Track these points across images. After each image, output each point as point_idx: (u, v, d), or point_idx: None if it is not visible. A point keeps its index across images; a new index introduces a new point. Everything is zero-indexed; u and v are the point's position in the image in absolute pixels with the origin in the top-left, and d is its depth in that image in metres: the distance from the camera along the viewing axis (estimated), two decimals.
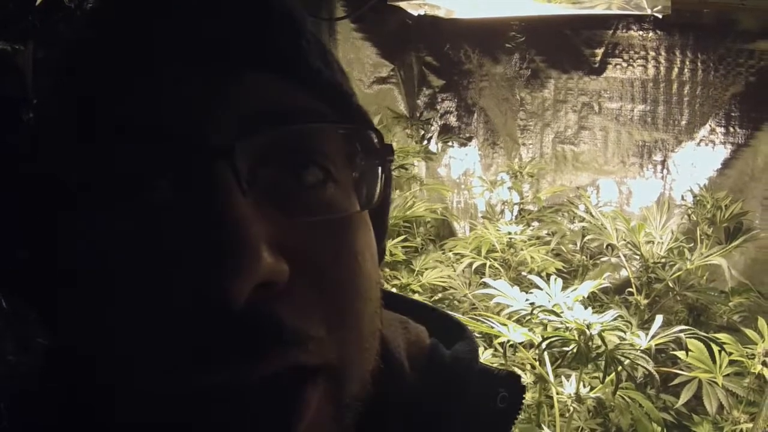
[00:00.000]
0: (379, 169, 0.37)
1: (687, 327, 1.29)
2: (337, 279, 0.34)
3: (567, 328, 1.32)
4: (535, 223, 2.25)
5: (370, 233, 0.39)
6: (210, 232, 0.29)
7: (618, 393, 1.38)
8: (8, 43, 1.03)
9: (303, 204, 0.34)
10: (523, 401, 0.46)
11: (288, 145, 0.34)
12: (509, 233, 1.95)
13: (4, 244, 0.36)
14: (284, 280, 0.31)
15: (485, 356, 1.48)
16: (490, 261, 1.95)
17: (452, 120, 2.65)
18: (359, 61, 2.64)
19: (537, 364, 1.36)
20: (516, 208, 2.38)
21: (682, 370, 1.39)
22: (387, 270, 1.81)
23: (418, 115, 2.67)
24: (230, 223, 0.29)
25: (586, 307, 1.41)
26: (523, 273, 1.94)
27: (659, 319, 1.34)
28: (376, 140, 0.37)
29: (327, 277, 0.34)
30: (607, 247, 1.88)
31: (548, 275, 1.95)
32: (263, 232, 0.30)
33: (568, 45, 2.27)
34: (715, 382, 1.29)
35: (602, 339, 1.28)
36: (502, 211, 2.42)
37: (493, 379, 0.45)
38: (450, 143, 2.66)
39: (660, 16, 1.58)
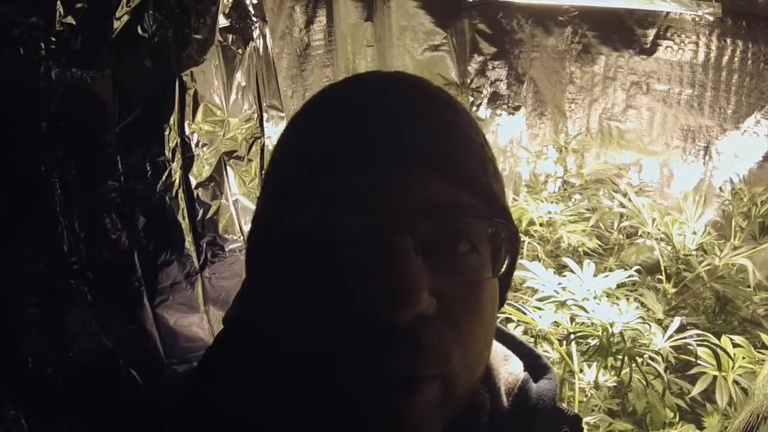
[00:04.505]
0: (509, 249, 0.54)
1: (701, 332, 1.39)
2: (466, 322, 0.50)
3: (592, 323, 1.44)
4: (577, 196, 2.32)
5: (496, 291, 0.55)
6: (392, 277, 0.45)
7: (637, 377, 1.50)
8: (85, 70, 1.09)
9: (454, 266, 0.50)
10: None
11: (451, 227, 0.50)
12: (549, 212, 2.04)
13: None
14: (433, 313, 0.47)
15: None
16: (529, 237, 2.05)
17: (502, 88, 2.69)
18: (412, 29, 2.68)
19: (562, 350, 1.49)
20: (559, 182, 2.46)
21: (701, 357, 1.49)
22: None
23: (468, 81, 2.73)
24: (406, 273, 0.45)
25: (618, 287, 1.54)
26: (562, 245, 2.04)
27: (677, 320, 1.45)
28: (510, 231, 0.54)
29: (460, 319, 0.49)
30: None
31: (584, 252, 2.05)
32: (426, 281, 0.46)
33: (620, 23, 2.26)
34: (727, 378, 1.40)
35: (623, 338, 1.40)
36: (545, 182, 2.50)
37: (561, 416, 0.60)
38: (498, 111, 2.71)
39: (711, 18, 1.60)
